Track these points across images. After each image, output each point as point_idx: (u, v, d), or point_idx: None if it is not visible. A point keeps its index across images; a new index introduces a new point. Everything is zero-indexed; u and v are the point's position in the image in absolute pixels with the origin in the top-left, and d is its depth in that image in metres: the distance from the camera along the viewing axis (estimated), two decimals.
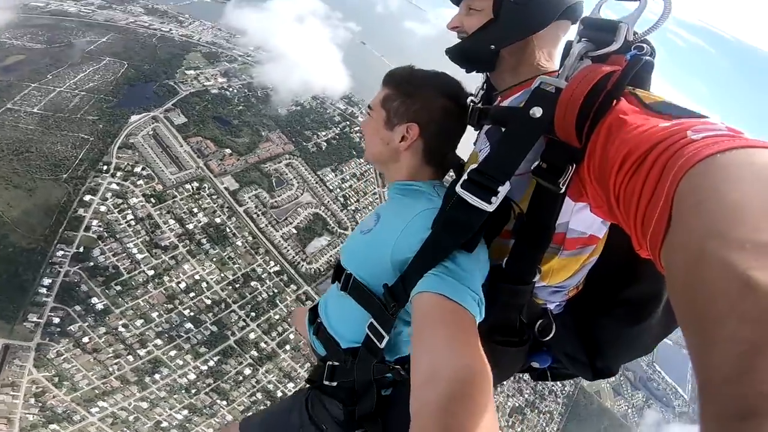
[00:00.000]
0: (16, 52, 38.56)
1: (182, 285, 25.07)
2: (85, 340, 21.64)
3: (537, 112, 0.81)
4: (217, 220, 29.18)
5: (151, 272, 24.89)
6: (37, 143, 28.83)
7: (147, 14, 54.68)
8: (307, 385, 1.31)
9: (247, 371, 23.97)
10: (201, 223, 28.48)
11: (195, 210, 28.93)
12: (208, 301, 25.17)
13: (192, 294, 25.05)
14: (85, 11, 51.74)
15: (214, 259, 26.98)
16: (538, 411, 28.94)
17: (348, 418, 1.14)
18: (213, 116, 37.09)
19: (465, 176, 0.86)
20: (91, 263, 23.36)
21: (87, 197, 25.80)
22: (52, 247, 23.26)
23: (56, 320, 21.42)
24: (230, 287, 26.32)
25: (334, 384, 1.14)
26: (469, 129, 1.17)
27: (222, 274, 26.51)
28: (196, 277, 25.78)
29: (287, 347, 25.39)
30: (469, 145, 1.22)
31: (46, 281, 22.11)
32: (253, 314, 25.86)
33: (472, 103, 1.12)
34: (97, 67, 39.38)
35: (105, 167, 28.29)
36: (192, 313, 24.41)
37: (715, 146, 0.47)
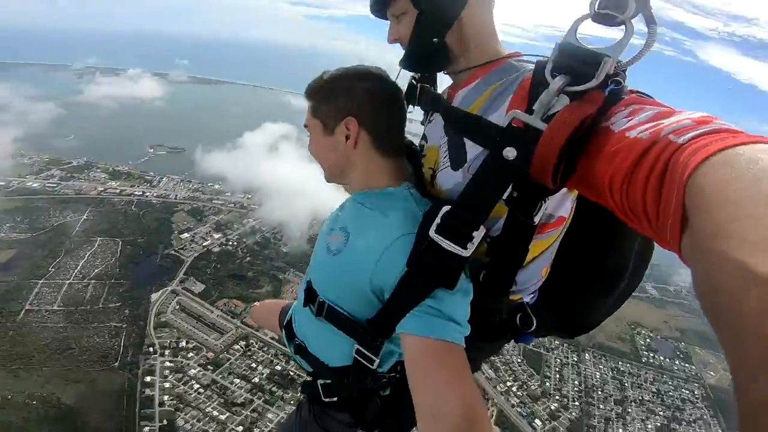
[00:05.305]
0: (5, 246, 40.31)
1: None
2: None
3: (511, 153, 0.77)
4: (278, 368, 32.00)
5: (239, 428, 27.60)
6: (74, 339, 31.64)
7: (112, 179, 57.49)
8: (305, 396, 1.29)
9: None
10: (264, 375, 31.52)
11: (253, 365, 32.11)
12: None
13: None
14: (50, 185, 53.26)
15: (292, 401, 28.65)
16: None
17: (360, 422, 1.17)
18: (227, 275, 40.98)
19: (438, 219, 0.84)
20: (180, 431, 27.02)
21: (147, 378, 29.14)
22: (137, 426, 26.40)
23: None
24: None
25: (334, 399, 1.14)
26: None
27: None
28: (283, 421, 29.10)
29: None
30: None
31: None
32: None
33: (414, 80, 1.16)
34: (93, 250, 41.86)
35: (151, 348, 31.38)
36: None
37: (705, 149, 0.48)
